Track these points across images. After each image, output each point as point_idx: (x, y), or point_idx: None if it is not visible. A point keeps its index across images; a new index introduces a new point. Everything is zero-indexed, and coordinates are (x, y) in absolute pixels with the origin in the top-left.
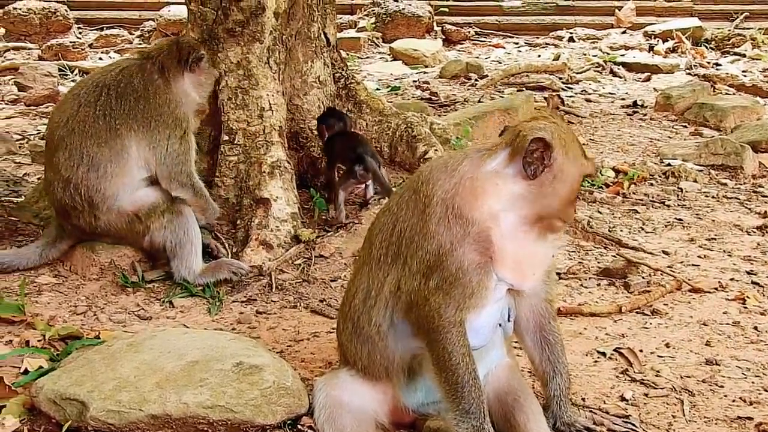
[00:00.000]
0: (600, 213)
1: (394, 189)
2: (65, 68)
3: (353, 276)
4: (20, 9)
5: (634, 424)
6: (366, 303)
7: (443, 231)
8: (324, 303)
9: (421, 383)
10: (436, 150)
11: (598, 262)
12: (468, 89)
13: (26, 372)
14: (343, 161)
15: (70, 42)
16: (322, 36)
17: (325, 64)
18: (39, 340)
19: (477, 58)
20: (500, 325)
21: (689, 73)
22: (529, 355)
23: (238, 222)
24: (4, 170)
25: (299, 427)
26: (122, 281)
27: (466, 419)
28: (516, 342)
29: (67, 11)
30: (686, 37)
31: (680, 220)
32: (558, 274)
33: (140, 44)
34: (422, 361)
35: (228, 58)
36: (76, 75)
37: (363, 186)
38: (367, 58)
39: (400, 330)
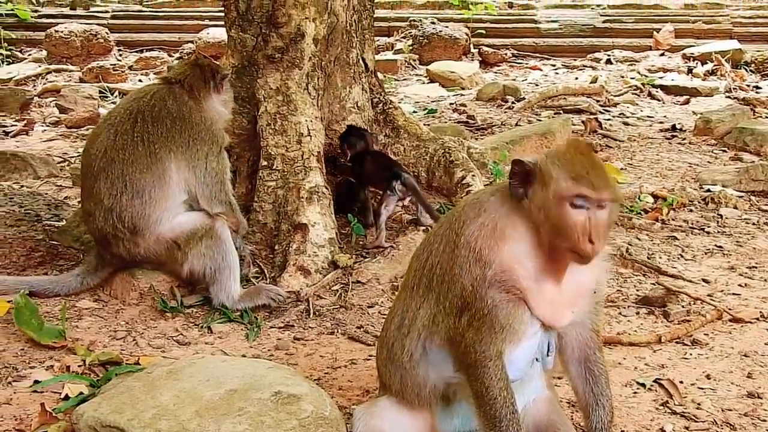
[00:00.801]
0: (639, 239)
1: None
2: (106, 90)
3: (395, 301)
4: (62, 32)
5: None
6: (400, 330)
7: (465, 274)
8: (361, 329)
9: (456, 410)
10: (473, 175)
11: (637, 290)
12: (505, 112)
13: (67, 398)
14: (376, 182)
15: (111, 64)
16: (361, 61)
17: (363, 89)
18: (79, 366)
19: (514, 80)
20: (537, 359)
21: (729, 96)
22: (573, 385)
23: (276, 247)
24: (46, 193)
25: None
26: (161, 306)
27: None
28: (558, 371)
29: (107, 34)
30: (725, 60)
31: (720, 247)
32: None
33: None
34: (457, 389)
35: (267, 84)
36: (116, 97)
37: (400, 206)
38: (404, 80)
39: (432, 359)
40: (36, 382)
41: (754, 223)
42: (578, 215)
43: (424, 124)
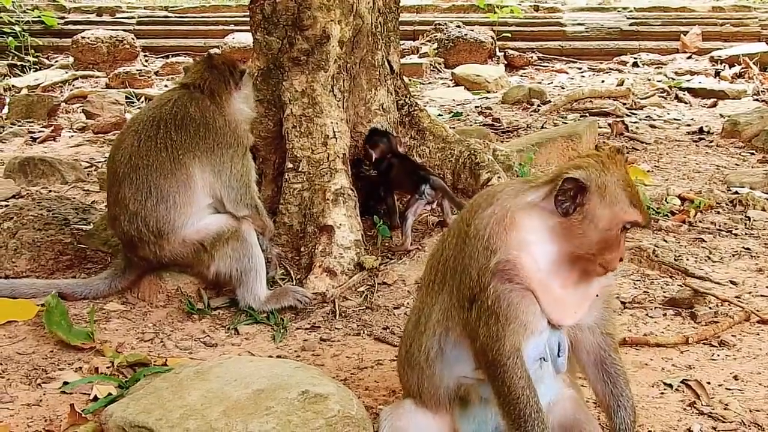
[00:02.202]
0: (665, 241)
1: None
2: (132, 96)
3: (414, 301)
4: (88, 38)
5: None
6: (417, 328)
7: (473, 263)
8: (387, 330)
9: (473, 413)
10: (499, 177)
11: (664, 292)
12: (530, 115)
13: (96, 399)
14: (403, 187)
15: (137, 70)
16: (386, 64)
17: (389, 91)
18: (108, 367)
19: (540, 83)
20: (543, 359)
21: (757, 99)
22: (593, 388)
23: (302, 249)
24: (74, 198)
25: None
26: (188, 308)
27: None
28: (578, 374)
29: (133, 40)
30: (753, 63)
31: (748, 249)
32: (623, 303)
33: None
34: (470, 389)
35: (293, 87)
36: (142, 102)
37: (429, 209)
38: (429, 83)
39: (447, 357)
40: (65, 383)
41: None
42: (622, 237)
43: (450, 128)
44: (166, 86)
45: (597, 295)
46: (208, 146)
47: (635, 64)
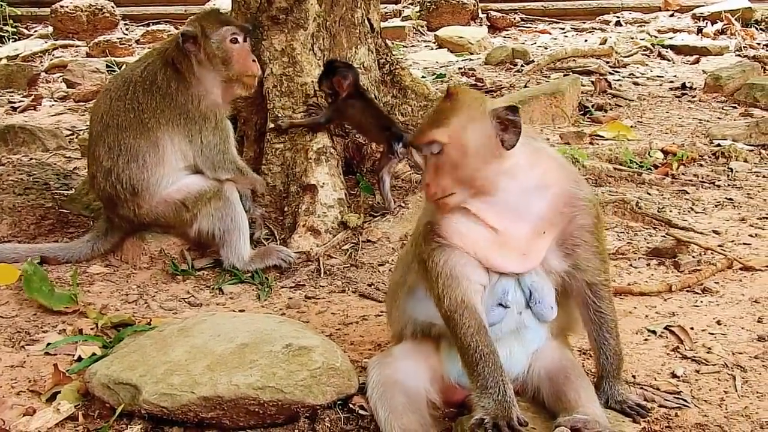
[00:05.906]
0: (649, 194)
1: None
2: (113, 64)
3: None
4: (67, 7)
5: (685, 400)
6: (396, 272)
7: (417, 231)
8: (372, 287)
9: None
10: None
11: (648, 243)
12: (514, 75)
13: (80, 359)
14: (368, 134)
15: (117, 38)
16: (366, 22)
17: (369, 50)
18: (92, 328)
19: (523, 44)
20: (502, 305)
21: (739, 55)
22: (586, 332)
23: (286, 209)
24: (55, 164)
25: (350, 406)
26: (172, 269)
27: (486, 394)
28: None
29: (113, 8)
30: (735, 19)
31: (731, 199)
32: None
33: None
34: (442, 331)
35: (272, 46)
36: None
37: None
38: (413, 46)
39: (415, 298)
40: (49, 344)
41: (764, 176)
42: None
43: (434, 88)
44: None
45: (544, 233)
46: (174, 117)
47: (618, 23)
